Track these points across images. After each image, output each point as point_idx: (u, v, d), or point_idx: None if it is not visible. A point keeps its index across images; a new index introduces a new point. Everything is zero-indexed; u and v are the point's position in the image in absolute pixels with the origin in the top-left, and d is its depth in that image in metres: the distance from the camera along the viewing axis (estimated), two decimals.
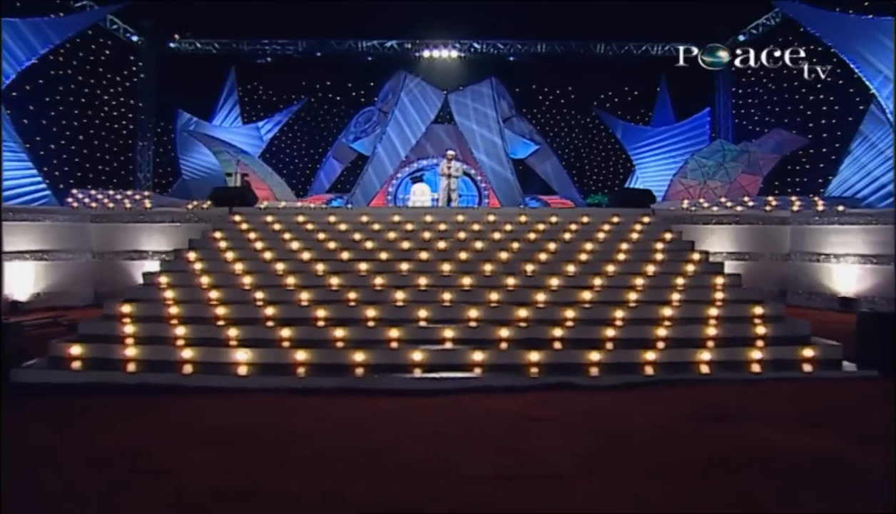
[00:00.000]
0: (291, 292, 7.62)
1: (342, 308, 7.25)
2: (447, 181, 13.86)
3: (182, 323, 6.89)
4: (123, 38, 21.18)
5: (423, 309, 7.11)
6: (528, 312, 7.12)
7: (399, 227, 9.72)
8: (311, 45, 21.90)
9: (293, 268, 8.33)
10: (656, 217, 10.46)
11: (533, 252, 8.78)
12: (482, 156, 21.33)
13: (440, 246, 8.93)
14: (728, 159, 18.77)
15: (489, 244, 9.06)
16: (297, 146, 24.23)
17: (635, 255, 8.90)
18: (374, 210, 11.10)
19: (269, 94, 24.08)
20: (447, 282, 7.86)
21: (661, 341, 6.72)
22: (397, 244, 9.04)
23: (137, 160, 21.15)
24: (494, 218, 10.07)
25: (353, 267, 8.34)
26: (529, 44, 21.91)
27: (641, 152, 22.12)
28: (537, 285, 7.87)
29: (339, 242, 9.13)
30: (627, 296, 7.65)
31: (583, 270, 8.36)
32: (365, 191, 20.70)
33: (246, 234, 9.56)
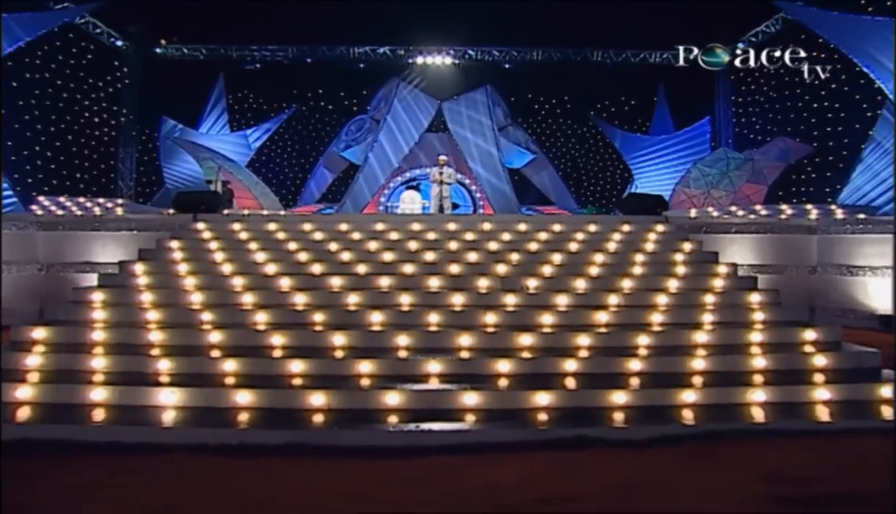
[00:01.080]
0: (246, 314, 6.08)
1: (305, 334, 5.71)
2: (439, 188, 12.41)
3: (105, 353, 5.35)
4: (107, 43, 19.75)
5: (404, 335, 5.58)
6: (532, 339, 5.60)
7: (382, 236, 8.21)
8: (301, 51, 20.49)
9: (253, 284, 6.80)
10: (670, 225, 9.00)
11: (535, 265, 7.29)
12: (478, 167, 19.89)
13: (427, 258, 7.43)
14: (732, 168, 17.39)
15: (484, 256, 7.56)
16: (288, 155, 22.74)
17: (653, 268, 7.41)
18: (354, 217, 9.60)
19: (260, 102, 22.62)
20: (434, 301, 6.35)
21: (699, 375, 5.22)
22: (378, 256, 7.53)
23: (119, 168, 19.62)
24: (490, 226, 8.58)
25: (323, 283, 6.81)
26: (525, 51, 20.57)
27: (640, 162, 20.74)
28: (542, 304, 6.37)
29: (312, 254, 7.62)
30: (650, 318, 6.15)
31: (594, 286, 6.86)
32: (355, 201, 19.21)
33: (206, 243, 8.04)
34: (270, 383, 4.95)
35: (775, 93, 19.28)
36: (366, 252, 7.66)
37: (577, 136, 23.38)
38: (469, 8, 19.03)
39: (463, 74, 21.07)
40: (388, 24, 19.81)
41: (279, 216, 9.91)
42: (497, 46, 20.59)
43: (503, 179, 19.70)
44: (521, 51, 20.61)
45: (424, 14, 19.21)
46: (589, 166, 23.23)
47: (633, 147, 21.12)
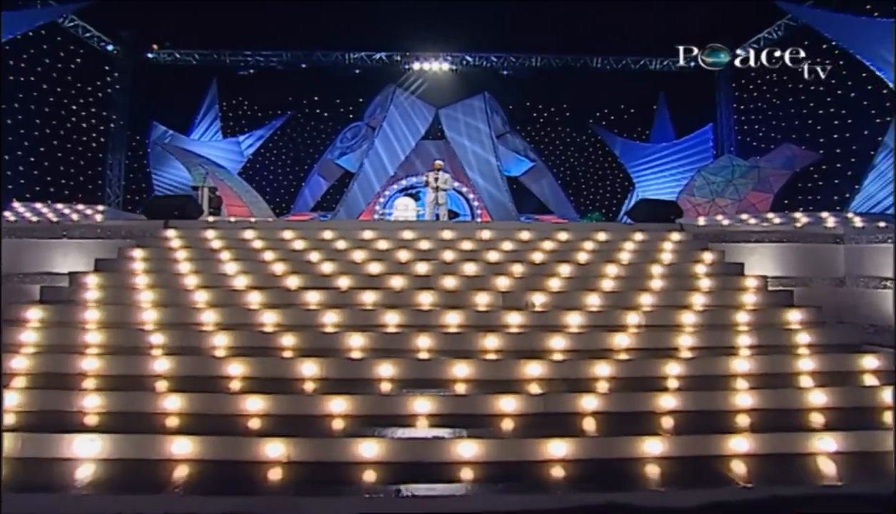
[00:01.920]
0: (204, 336, 5.03)
1: (270, 363, 4.64)
2: (434, 195, 11.38)
3: (25, 387, 4.29)
4: (98, 48, 18.78)
5: (388, 364, 4.52)
6: (541, 368, 4.55)
7: (369, 246, 7.17)
8: (295, 56, 19.55)
9: (218, 300, 5.75)
10: (686, 234, 7.98)
11: (541, 278, 6.25)
12: (477, 176, 18.86)
13: (419, 271, 6.38)
14: (737, 176, 16.42)
15: (484, 268, 6.52)
16: (282, 162, 21.70)
17: (673, 282, 6.38)
18: (339, 225, 8.54)
19: (255, 109, 21.62)
20: (425, 321, 5.30)
21: (745, 414, 4.16)
22: (363, 268, 6.48)
23: (108, 175, 18.57)
24: (490, 235, 7.55)
25: (298, 299, 5.76)
26: (524, 57, 19.66)
27: (641, 170, 19.76)
28: (550, 325, 5.33)
29: (289, 266, 6.57)
30: (677, 341, 5.11)
31: (609, 302, 5.83)
32: (349, 209, 18.16)
33: (173, 253, 6.99)
34: (221, 426, 3.89)
35: (778, 100, 18.40)
36: (350, 263, 6.61)
37: (576, 144, 22.40)
38: (467, 13, 18.12)
39: (460, 81, 20.13)
40: (384, 30, 18.87)
41: (261, 223, 8.86)
42: (495, 52, 19.68)
43: (502, 190, 18.68)
44: (519, 57, 19.70)
45: (421, 19, 18.30)
46: (588, 175, 22.23)
47: (633, 155, 20.14)
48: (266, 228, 7.91)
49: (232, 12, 18.06)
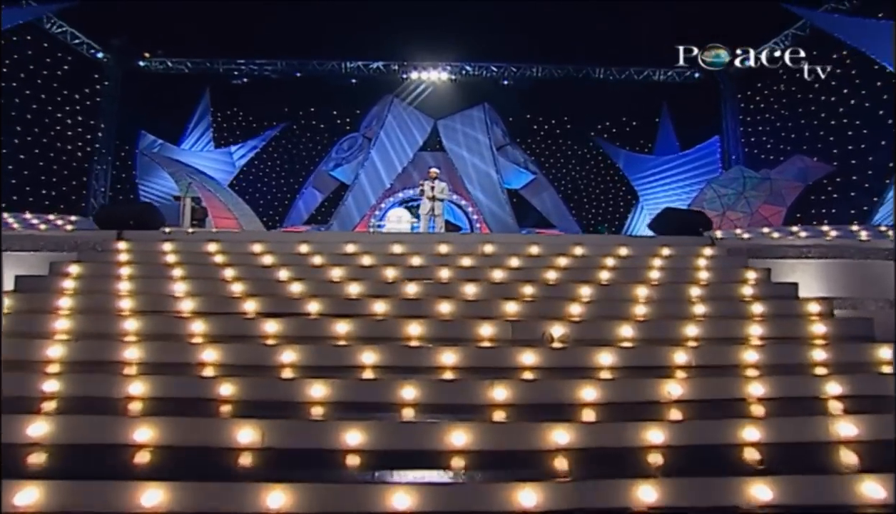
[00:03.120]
0: (122, 383, 3.64)
1: (202, 426, 3.26)
2: (430, 205, 10.06)
3: None
4: (87, 55, 17.60)
5: (357, 431, 3.14)
6: (569, 434, 3.17)
7: (350, 261, 5.83)
8: (290, 65, 18.38)
9: (155, 329, 4.40)
10: (719, 248, 6.66)
11: (558, 303, 4.90)
12: (479, 193, 17.54)
13: (408, 293, 5.04)
14: (748, 188, 15.16)
15: (487, 289, 5.18)
16: (276, 174, 20.41)
17: (718, 307, 5.04)
18: (319, 237, 7.19)
19: (249, 120, 20.38)
20: (411, 362, 3.93)
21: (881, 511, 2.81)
22: (340, 290, 5.13)
23: (92, 185, 17.27)
24: (493, 249, 6.21)
25: (254, 329, 4.41)
26: (525, 67, 18.50)
27: (646, 183, 18.49)
28: (576, 368, 3.97)
29: (252, 285, 5.23)
30: (745, 390, 3.73)
31: (646, 334, 4.47)
32: (343, 222, 16.83)
33: (117, 269, 5.64)
34: None
35: (787, 111, 17.20)
36: (324, 284, 5.27)
37: (577, 156, 21.13)
38: (466, 22, 17.01)
39: (460, 91, 18.93)
40: (382, 39, 17.70)
41: (228, 234, 7.50)
42: (496, 62, 18.52)
43: (505, 207, 17.31)
44: (520, 67, 18.54)
45: (420, 28, 17.15)
46: (590, 188, 20.93)
47: (637, 167, 18.88)
48: (232, 240, 6.56)
49: (225, 20, 16.96)
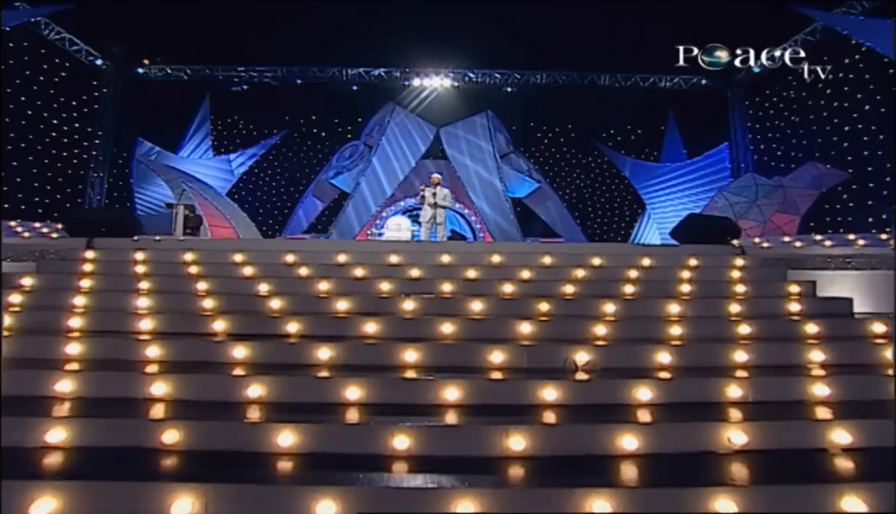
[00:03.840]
0: (36, 429, 2.87)
1: (133, 493, 2.49)
2: (432, 212, 9.31)
3: None
4: (86, 62, 17.02)
5: (329, 497, 2.36)
6: (608, 501, 2.38)
7: (340, 273, 5.07)
8: (290, 71, 17.76)
9: (102, 353, 3.64)
10: (750, 258, 5.88)
11: (579, 322, 4.12)
12: (483, 204, 16.77)
13: (404, 310, 4.27)
14: (761, 196, 14.39)
15: (495, 306, 4.40)
16: (276, 182, 19.73)
17: (767, 327, 4.24)
18: (307, 245, 6.42)
19: (250, 128, 19.74)
20: (406, 398, 3.15)
21: None
22: (326, 305, 4.37)
23: (88, 193, 16.60)
24: (501, 259, 5.45)
25: (221, 354, 3.63)
26: (529, 74, 17.84)
27: (654, 191, 17.73)
28: (608, 403, 3.18)
29: (225, 300, 4.46)
30: (824, 435, 2.94)
31: (687, 360, 3.68)
32: (343, 231, 16.08)
33: (78, 280, 4.90)
34: None
35: (798, 117, 16.48)
36: (309, 298, 4.50)
37: (581, 165, 20.41)
38: (469, 28, 16.39)
39: (462, 98, 18.27)
40: (383, 45, 17.09)
41: (208, 242, 6.73)
42: (499, 69, 17.87)
43: (509, 217, 16.52)
44: (524, 73, 17.88)
45: (422, 34, 16.52)
46: (595, 197, 20.18)
47: (644, 176, 18.13)
48: (211, 249, 5.81)
49: (225, 27, 16.40)
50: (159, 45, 17.68)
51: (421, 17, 15.99)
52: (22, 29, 15.20)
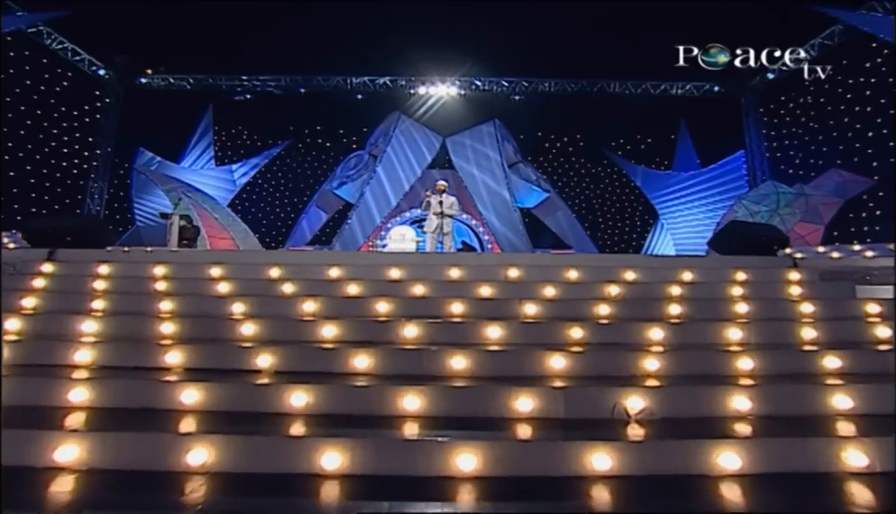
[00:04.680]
0: None
1: None
2: (438, 221, 8.44)
3: None
4: (88, 71, 16.43)
5: None
6: None
7: (331, 290, 4.20)
8: (294, 80, 17.07)
9: (23, 393, 2.77)
10: (806, 271, 4.94)
11: (623, 355, 3.21)
12: (492, 217, 15.86)
13: (405, 337, 3.38)
14: (782, 205, 13.44)
15: (517, 332, 3.50)
16: (280, 193, 18.98)
17: (857, 360, 3.32)
18: (296, 257, 5.52)
19: (255, 138, 19.03)
20: (406, 467, 2.25)
21: None
22: (310, 331, 3.48)
23: (87, 203, 15.90)
24: (519, 274, 4.56)
25: (171, 400, 2.75)
26: (537, 81, 17.05)
27: (667, 201, 16.81)
28: (680, 474, 2.27)
29: (191, 325, 3.59)
30: None
31: (772, 407, 2.76)
32: (346, 243, 15.24)
33: (21, 299, 4.05)
34: None
35: (816, 123, 15.57)
36: (290, 322, 3.62)
37: (590, 175, 19.53)
38: (476, 35, 15.67)
39: (469, 107, 17.49)
40: (388, 53, 16.37)
41: (183, 254, 5.86)
42: (506, 76, 17.09)
43: (519, 231, 15.56)
44: (532, 81, 17.09)
45: (428, 41, 15.80)
46: (605, 207, 19.25)
47: (657, 185, 17.22)
48: (187, 262, 4.96)
49: (228, 36, 15.77)
50: (162, 54, 17.07)
51: (427, 24, 15.29)
52: (23, 38, 14.67)
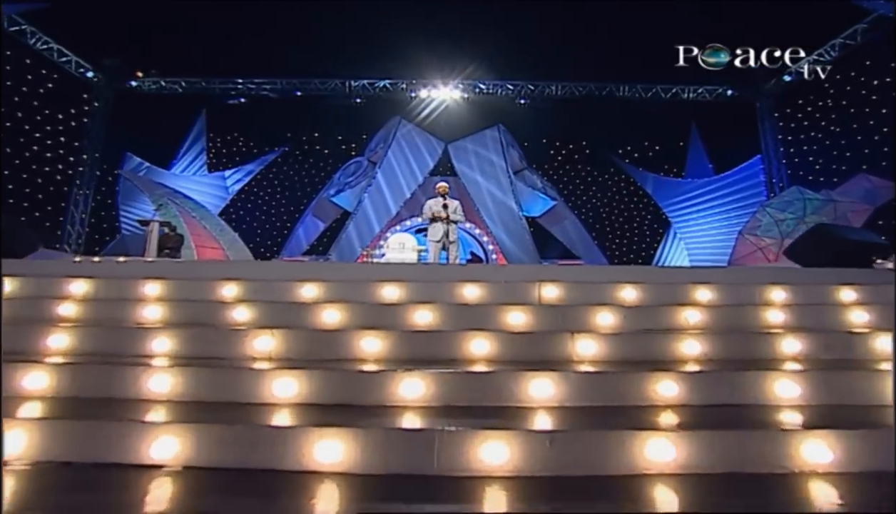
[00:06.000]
0: None
1: None
2: (444, 228, 7.11)
3: None
4: (76, 74, 15.26)
5: None
6: None
7: (300, 318, 2.91)
8: (291, 83, 15.91)
9: None
10: None
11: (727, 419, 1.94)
12: (502, 233, 14.46)
13: (402, 401, 2.09)
14: (809, 212, 12.22)
15: (573, 389, 2.22)
16: (276, 201, 17.73)
17: None
18: (264, 270, 4.15)
19: (250, 145, 17.82)
20: None
21: None
22: (254, 389, 2.20)
23: (71, 210, 14.65)
24: (559, 293, 3.28)
25: None
26: (543, 85, 15.90)
27: (680, 209, 15.57)
28: None
29: (70, 376, 2.32)
30: None
31: None
32: (343, 253, 13.94)
33: None
34: None
35: (838, 126, 14.40)
36: (225, 375, 2.34)
37: (597, 182, 18.31)
38: (480, 36, 14.55)
39: (472, 112, 16.29)
40: (388, 55, 15.24)
41: (116, 267, 4.54)
42: (511, 80, 15.95)
43: (528, 246, 14.28)
44: (538, 85, 15.94)
45: (430, 43, 14.68)
46: (613, 216, 17.98)
47: (669, 192, 15.98)
48: (123, 275, 3.68)
49: (222, 38, 14.62)
50: (153, 56, 15.93)
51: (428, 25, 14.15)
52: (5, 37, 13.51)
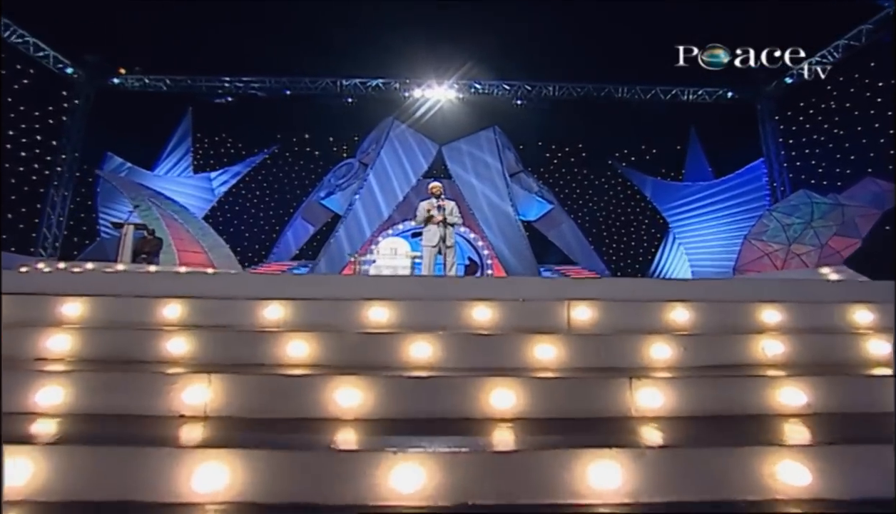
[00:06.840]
0: None
1: None
2: (441, 232, 6.28)
3: None
4: (54, 69, 14.31)
5: None
6: None
7: (256, 353, 2.11)
8: (280, 82, 15.07)
9: None
10: None
11: None
12: (500, 242, 13.58)
13: (398, 495, 1.30)
14: (817, 216, 11.60)
15: (652, 474, 1.45)
16: (264, 203, 16.82)
17: None
18: (207, 283, 3.24)
19: (238, 146, 16.92)
20: None
21: None
22: (177, 472, 1.41)
23: (48, 213, 13.67)
24: (592, 315, 2.50)
25: None
26: (540, 85, 15.20)
27: (680, 213, 14.90)
28: None
29: None
30: None
31: None
32: (332, 260, 13.06)
33: None
34: None
35: (842, 129, 13.86)
36: (162, 424, 1.53)
37: (594, 186, 17.64)
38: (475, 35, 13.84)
39: (467, 112, 15.54)
40: (381, 53, 14.47)
41: (31, 279, 3.69)
42: (508, 80, 15.24)
43: (526, 255, 13.47)
44: (535, 85, 15.24)
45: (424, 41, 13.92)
46: (610, 220, 17.30)
47: (668, 196, 15.31)
48: (37, 289, 2.86)
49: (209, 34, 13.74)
50: (137, 53, 15.00)
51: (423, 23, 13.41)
52: None
